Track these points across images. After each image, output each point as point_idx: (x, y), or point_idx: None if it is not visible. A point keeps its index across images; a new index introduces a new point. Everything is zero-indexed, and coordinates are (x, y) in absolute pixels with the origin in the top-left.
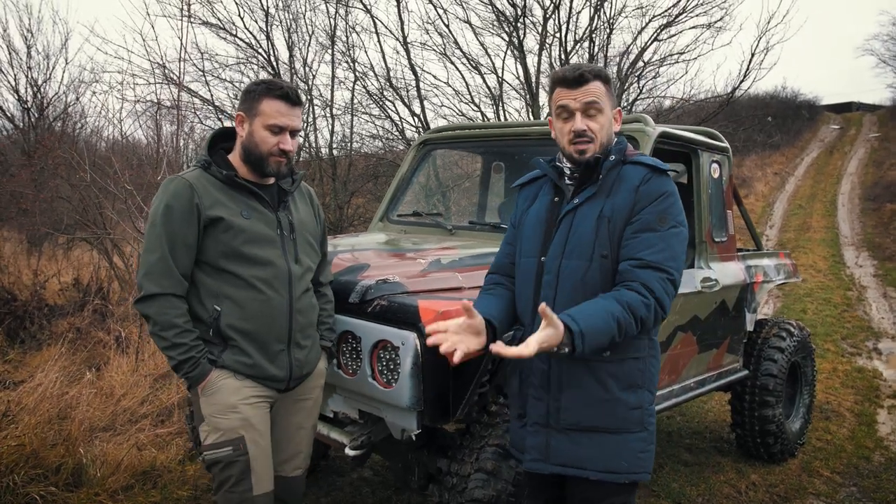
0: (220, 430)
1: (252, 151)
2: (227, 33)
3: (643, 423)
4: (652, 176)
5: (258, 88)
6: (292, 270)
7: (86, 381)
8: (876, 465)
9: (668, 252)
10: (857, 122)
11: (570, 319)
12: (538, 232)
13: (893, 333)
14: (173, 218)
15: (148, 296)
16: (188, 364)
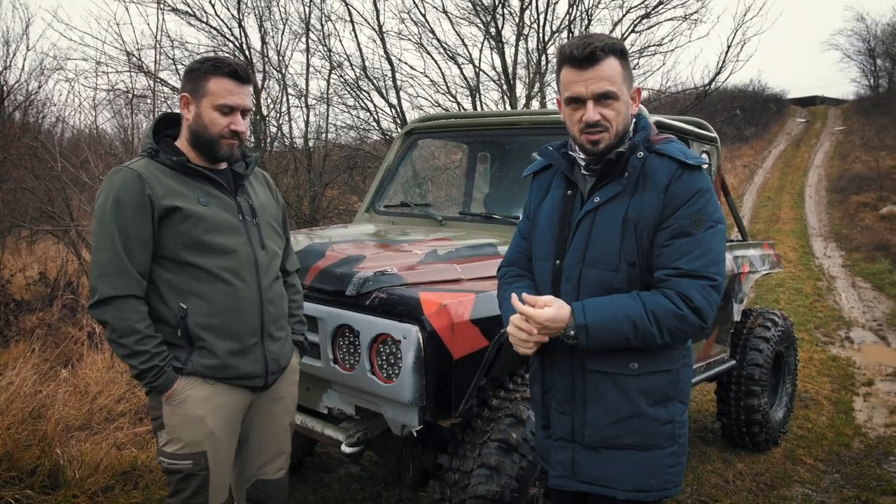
0: (183, 441)
1: (201, 135)
2: (198, 20)
3: (674, 436)
4: (682, 173)
5: (203, 66)
6: (259, 258)
7: (60, 378)
8: (856, 452)
9: (707, 257)
10: (822, 116)
11: (581, 310)
12: (552, 232)
13: (864, 322)
14: (124, 212)
15: (103, 299)
16: (151, 373)
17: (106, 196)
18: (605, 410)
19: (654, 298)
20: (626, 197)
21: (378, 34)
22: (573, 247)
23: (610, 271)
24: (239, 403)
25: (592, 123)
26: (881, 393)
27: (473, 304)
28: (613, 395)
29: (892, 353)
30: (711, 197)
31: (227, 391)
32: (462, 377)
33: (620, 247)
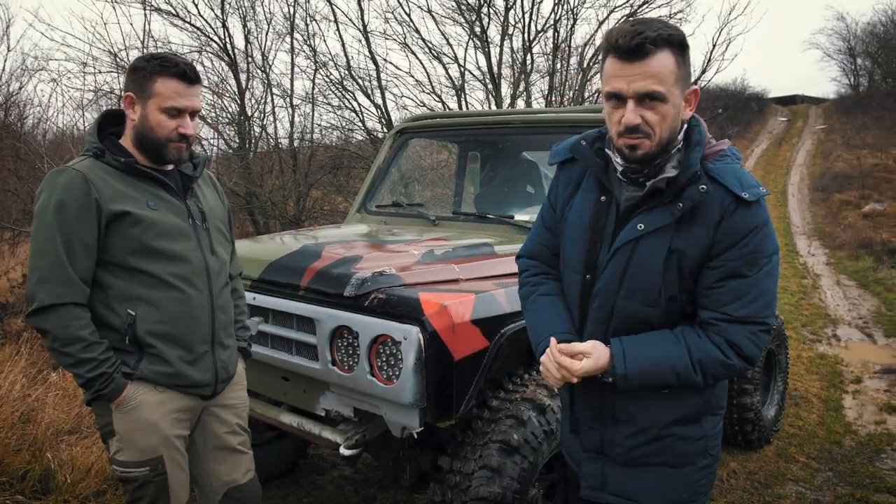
0: (137, 448)
1: (148, 137)
2: (182, 20)
3: (707, 450)
4: (736, 209)
5: (149, 65)
6: (209, 264)
7: (50, 382)
8: (847, 450)
9: (761, 301)
10: (803, 115)
11: (622, 357)
12: (582, 242)
13: (849, 320)
14: (67, 216)
15: (43, 308)
16: (99, 381)
17: (48, 198)
18: (634, 431)
19: (702, 345)
20: (672, 225)
21: (363, 34)
22: (608, 273)
23: (648, 306)
24: (190, 405)
25: (632, 128)
26: (870, 390)
27: (474, 305)
28: (643, 416)
29: (878, 351)
30: (767, 230)
31: (178, 397)
32: (462, 378)
33: (662, 282)
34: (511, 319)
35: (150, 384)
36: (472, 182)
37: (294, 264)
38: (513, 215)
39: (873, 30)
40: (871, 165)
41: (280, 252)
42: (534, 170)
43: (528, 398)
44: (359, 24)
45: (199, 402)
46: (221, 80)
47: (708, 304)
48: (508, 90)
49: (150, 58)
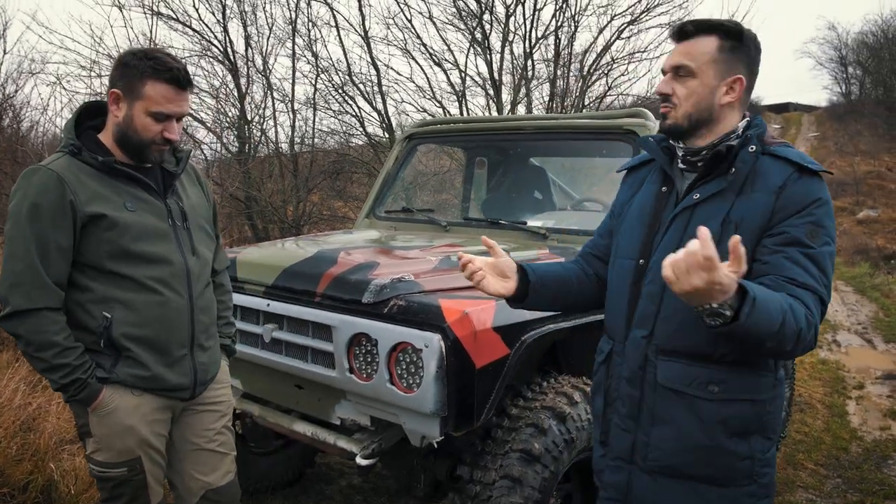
0: (115, 450)
1: (130, 138)
2: (182, 24)
3: (752, 474)
4: (800, 177)
5: (141, 65)
6: (190, 266)
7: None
8: (855, 456)
9: (824, 279)
10: (796, 122)
11: (752, 287)
12: (640, 228)
13: (849, 326)
14: (41, 218)
15: (17, 312)
16: (73, 387)
17: (22, 199)
18: (674, 434)
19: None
20: (731, 196)
21: (364, 39)
22: (663, 245)
23: None
24: (167, 408)
25: (662, 96)
26: (873, 396)
27: (495, 312)
28: (686, 418)
29: (878, 357)
30: (830, 210)
31: (154, 400)
32: (483, 386)
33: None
34: (531, 326)
35: (126, 388)
36: (480, 188)
37: (309, 270)
38: (525, 221)
39: (864, 39)
40: (864, 172)
41: (294, 258)
42: (542, 176)
43: (547, 406)
44: (360, 30)
45: (177, 403)
46: (222, 83)
47: (770, 269)
48: (509, 96)
49: (143, 56)
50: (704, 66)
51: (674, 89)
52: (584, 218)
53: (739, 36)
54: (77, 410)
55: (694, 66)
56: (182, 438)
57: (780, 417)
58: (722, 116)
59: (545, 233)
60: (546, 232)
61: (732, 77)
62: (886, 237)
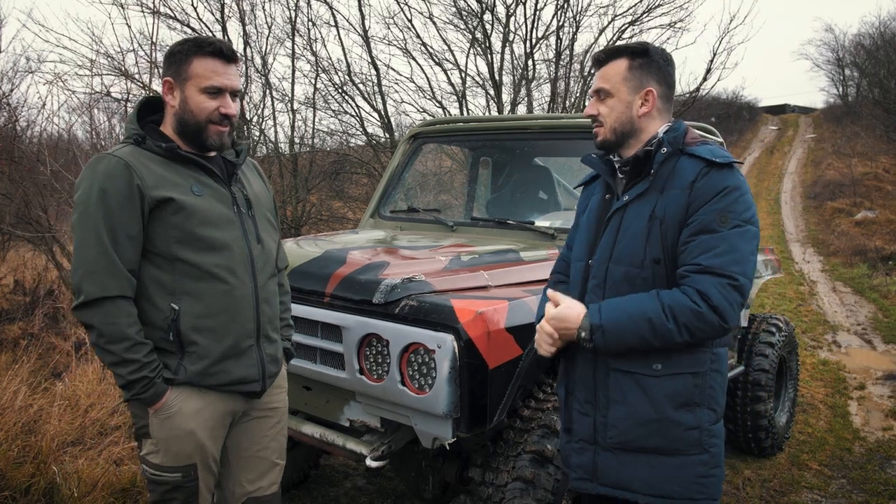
0: (171, 454)
1: (188, 121)
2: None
3: (702, 444)
4: (709, 170)
5: (185, 47)
6: (254, 253)
7: (56, 391)
8: (858, 457)
9: (730, 255)
10: (793, 124)
11: (597, 310)
12: (587, 233)
13: (848, 326)
14: (110, 204)
15: (90, 301)
16: (140, 384)
17: (89, 186)
18: (627, 412)
19: (673, 294)
20: (655, 195)
21: (364, 39)
22: (602, 244)
23: (635, 267)
24: (230, 409)
25: (590, 117)
26: (874, 396)
27: (508, 312)
28: (636, 395)
29: (878, 357)
30: (741, 196)
31: (219, 401)
32: (496, 387)
33: (646, 244)
34: None
35: (191, 388)
36: (486, 187)
37: (318, 270)
38: (532, 221)
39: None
40: (861, 174)
41: (302, 258)
42: (546, 175)
43: (559, 407)
44: (360, 30)
45: (241, 405)
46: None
47: (682, 259)
48: (509, 97)
49: (185, 40)
50: (618, 84)
51: (598, 110)
52: None
53: (645, 52)
54: (137, 411)
55: (609, 87)
56: (236, 443)
57: (722, 391)
58: (643, 126)
59: (553, 233)
60: (554, 232)
61: (644, 90)
62: (884, 238)
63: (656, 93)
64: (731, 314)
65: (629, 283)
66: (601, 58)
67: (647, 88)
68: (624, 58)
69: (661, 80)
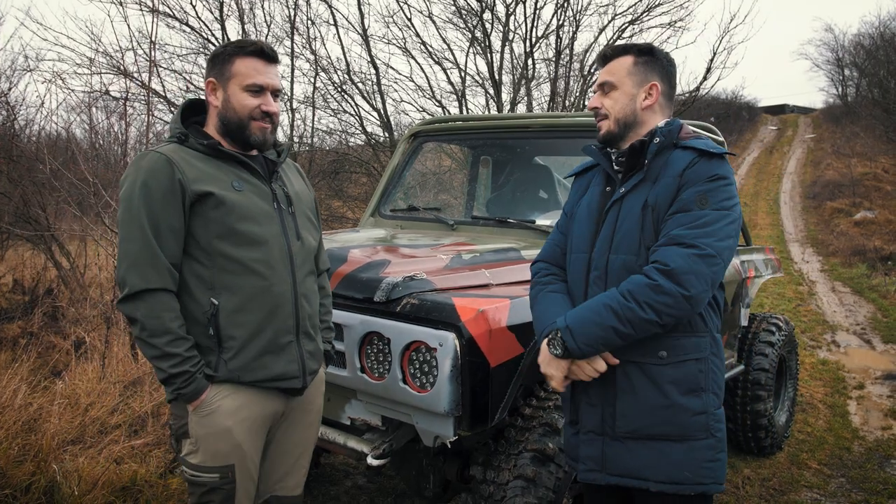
0: (210, 453)
1: (231, 119)
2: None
3: (709, 428)
4: (699, 160)
5: (227, 49)
6: (293, 249)
7: (55, 389)
8: (857, 456)
9: (702, 229)
10: (793, 124)
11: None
12: (588, 225)
13: (847, 326)
14: (153, 198)
15: (134, 293)
16: (181, 378)
17: (133, 181)
18: (635, 400)
19: (630, 279)
20: (649, 185)
21: (363, 38)
22: (601, 236)
23: (632, 255)
24: (269, 412)
25: (593, 109)
26: (873, 396)
27: (509, 310)
28: (643, 384)
29: (877, 357)
30: (727, 185)
31: (259, 399)
32: (498, 385)
33: (640, 232)
34: None
35: (230, 385)
36: (486, 186)
37: None
38: (533, 220)
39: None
40: (860, 174)
41: None
42: (547, 174)
43: (560, 405)
44: (359, 28)
45: (281, 405)
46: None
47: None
48: (509, 96)
49: (228, 43)
50: (623, 78)
51: (602, 103)
52: None
53: (651, 51)
54: (178, 411)
55: (615, 80)
56: (271, 438)
57: (723, 376)
58: (645, 119)
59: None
60: None
61: (649, 84)
62: (883, 238)
63: (660, 88)
64: (691, 281)
65: (628, 272)
66: (607, 54)
67: (652, 82)
68: (630, 55)
69: (664, 77)
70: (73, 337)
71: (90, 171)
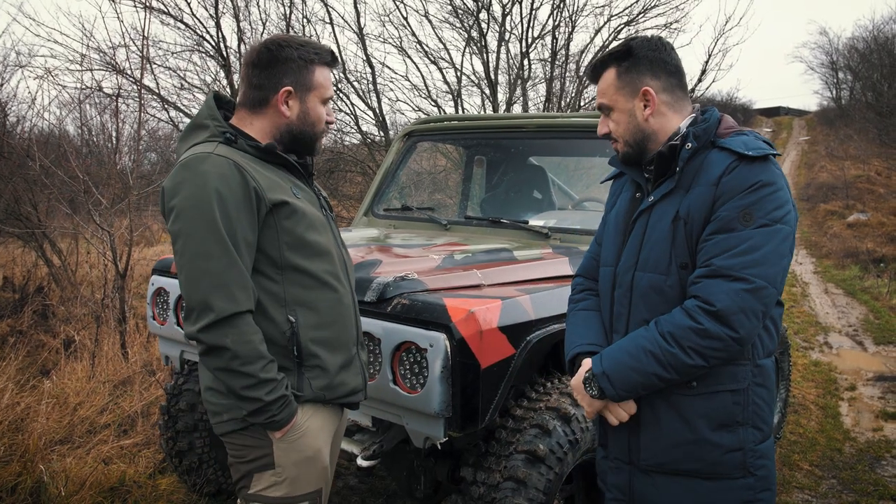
0: (301, 480)
1: (306, 132)
2: (174, 19)
3: (746, 466)
4: (738, 164)
5: (305, 55)
6: (346, 256)
7: (44, 389)
8: (848, 457)
9: (749, 255)
10: (787, 126)
11: (598, 359)
12: (616, 236)
13: (840, 328)
14: (228, 209)
15: (222, 319)
16: (277, 404)
17: (201, 188)
18: (659, 434)
19: (670, 318)
20: (681, 193)
21: (358, 37)
22: (627, 250)
23: (661, 274)
24: (336, 427)
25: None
26: (864, 397)
27: (501, 311)
28: (669, 417)
29: (869, 359)
30: (775, 192)
31: (333, 415)
32: (489, 387)
33: (671, 248)
34: (536, 326)
35: (313, 405)
36: (479, 186)
37: None
38: (526, 220)
39: (854, 44)
40: (853, 176)
41: None
42: (541, 175)
43: (552, 407)
44: (355, 27)
45: (340, 418)
46: (214, 79)
47: (698, 261)
48: (504, 96)
49: (298, 45)
50: (614, 96)
51: (609, 127)
52: (585, 217)
53: (629, 53)
54: (252, 442)
55: (608, 101)
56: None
57: (768, 407)
58: (656, 127)
59: (547, 232)
60: (548, 231)
61: (640, 91)
62: (876, 240)
63: (654, 89)
64: (741, 322)
65: (656, 293)
66: (593, 71)
67: (643, 88)
68: (611, 67)
69: (655, 73)
70: (63, 335)
71: (80, 169)
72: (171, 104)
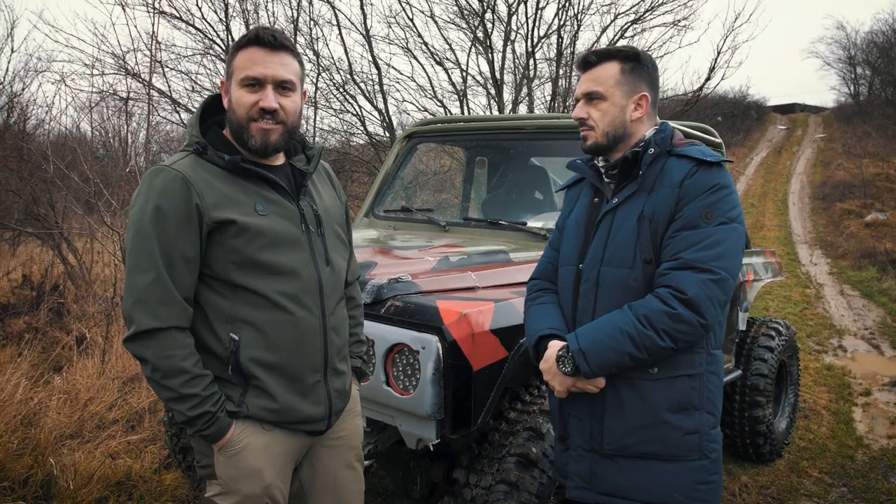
0: (241, 495)
1: (233, 121)
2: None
3: (701, 449)
4: (698, 169)
5: (235, 45)
6: (323, 279)
7: (55, 385)
8: (861, 465)
9: (713, 250)
10: (802, 123)
11: (574, 338)
12: (577, 237)
13: (855, 331)
14: (166, 224)
15: (142, 332)
16: (202, 420)
17: (144, 203)
18: (623, 417)
19: (645, 302)
20: (644, 195)
21: (365, 38)
22: (592, 248)
23: (626, 268)
24: (296, 449)
25: (579, 120)
26: (880, 403)
27: (493, 314)
28: (632, 400)
29: (886, 363)
30: (729, 195)
31: (285, 437)
32: (481, 389)
33: (636, 244)
34: None
35: (256, 423)
36: (480, 187)
37: None
38: (525, 222)
39: (873, 39)
40: (872, 174)
41: None
42: (542, 176)
43: (545, 410)
44: (361, 29)
45: (307, 440)
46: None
47: (665, 255)
48: (510, 96)
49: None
50: (612, 88)
51: (589, 113)
52: None
53: (637, 57)
54: (201, 449)
55: (603, 90)
56: (312, 473)
57: (719, 394)
58: (634, 130)
59: (545, 233)
60: (546, 233)
61: (638, 94)
62: (895, 240)
63: (649, 98)
64: (708, 308)
65: (621, 286)
66: (591, 60)
67: (642, 93)
68: (616, 61)
69: (651, 85)
70: (76, 332)
71: (92, 171)
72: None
